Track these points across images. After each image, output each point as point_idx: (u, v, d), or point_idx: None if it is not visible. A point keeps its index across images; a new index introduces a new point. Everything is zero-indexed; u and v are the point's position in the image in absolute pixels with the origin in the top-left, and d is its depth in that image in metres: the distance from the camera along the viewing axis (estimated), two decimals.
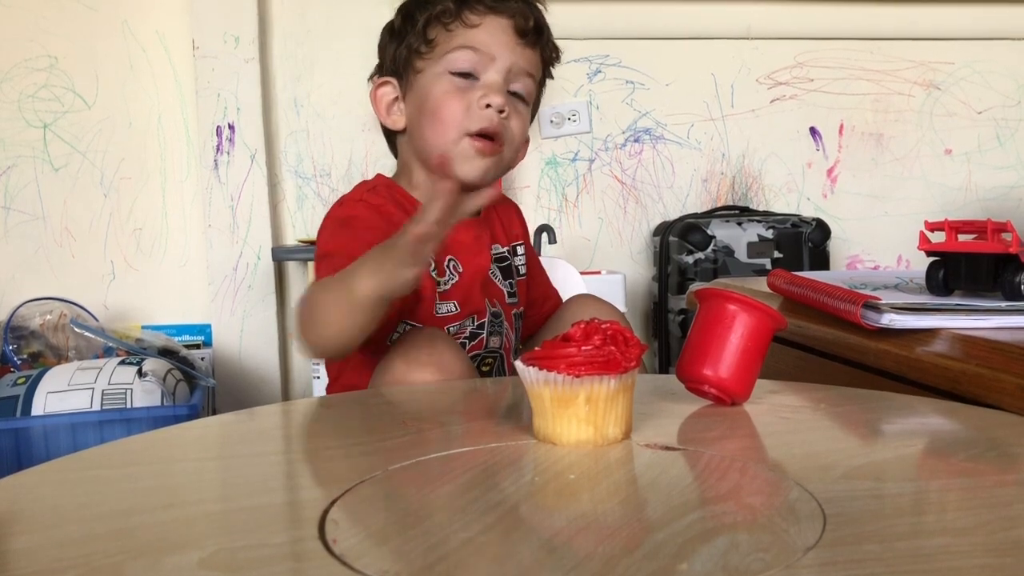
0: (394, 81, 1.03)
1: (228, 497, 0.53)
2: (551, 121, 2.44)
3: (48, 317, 1.92)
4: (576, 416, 0.59)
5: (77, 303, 2.05)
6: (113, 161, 2.29)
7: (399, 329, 0.96)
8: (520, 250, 1.13)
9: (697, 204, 2.54)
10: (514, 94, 1.00)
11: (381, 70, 1.06)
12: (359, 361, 0.96)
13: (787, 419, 0.69)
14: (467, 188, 1.00)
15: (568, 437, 0.60)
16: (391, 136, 1.09)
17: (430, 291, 0.97)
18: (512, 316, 1.06)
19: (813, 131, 2.59)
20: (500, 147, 0.98)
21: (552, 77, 1.08)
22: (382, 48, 1.06)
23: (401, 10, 1.03)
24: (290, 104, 2.35)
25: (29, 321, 1.90)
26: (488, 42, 0.97)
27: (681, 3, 2.47)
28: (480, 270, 1.03)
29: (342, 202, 1.01)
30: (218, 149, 2.26)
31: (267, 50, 2.32)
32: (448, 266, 1.00)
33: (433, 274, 0.98)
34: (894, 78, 2.60)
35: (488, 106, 0.96)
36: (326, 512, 0.47)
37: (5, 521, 0.49)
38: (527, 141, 1.09)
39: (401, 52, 1.01)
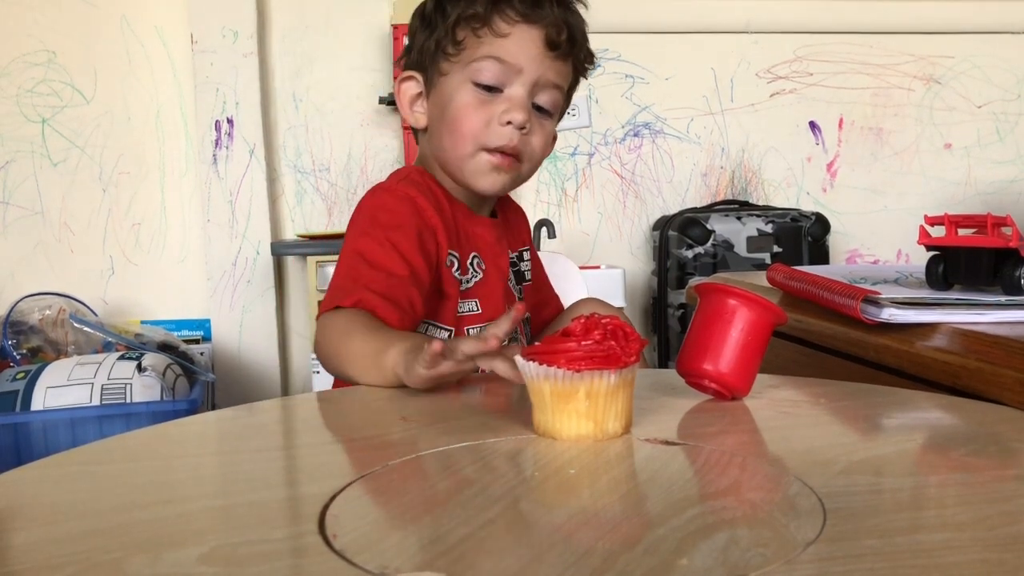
0: (418, 76, 0.99)
1: (228, 492, 0.53)
2: None
3: (47, 312, 1.92)
4: (576, 411, 0.59)
5: (76, 298, 2.05)
6: (112, 156, 2.29)
7: (420, 329, 0.94)
8: (526, 256, 1.11)
9: (696, 198, 2.54)
10: (539, 108, 0.95)
11: (409, 55, 1.01)
12: None
13: (787, 414, 0.69)
14: (481, 197, 1.00)
15: (568, 432, 0.60)
16: (414, 130, 1.05)
17: (454, 290, 0.95)
18: (521, 321, 1.05)
19: (812, 125, 2.59)
20: (519, 163, 0.96)
21: (586, 77, 1.04)
22: (412, 33, 1.00)
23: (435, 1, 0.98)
24: (289, 99, 2.35)
25: (28, 316, 1.90)
26: (516, 53, 0.92)
27: None
28: (501, 271, 1.01)
29: (375, 191, 0.97)
30: (217, 144, 2.25)
31: (266, 45, 2.32)
32: (472, 263, 0.98)
33: (456, 274, 0.95)
34: (894, 72, 2.60)
35: (509, 123, 0.93)
36: (326, 507, 0.47)
37: (4, 516, 0.49)
38: (555, 137, 1.05)
39: (429, 46, 0.96)
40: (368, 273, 0.88)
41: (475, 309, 0.97)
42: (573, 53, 0.96)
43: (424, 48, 0.97)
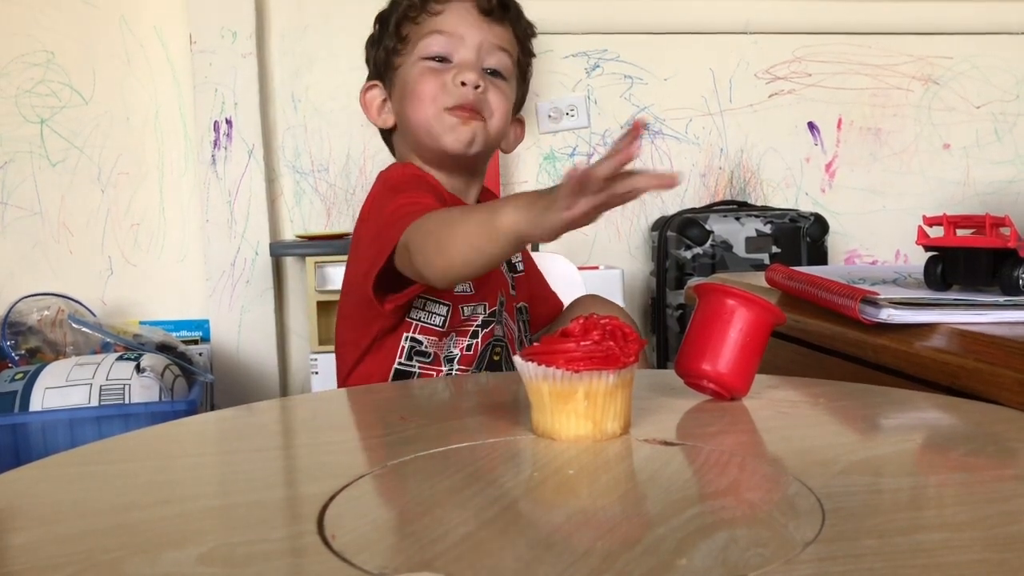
0: (379, 84, 1.09)
1: (227, 493, 0.53)
2: (549, 116, 2.44)
3: (46, 313, 1.92)
4: (575, 411, 0.59)
5: (75, 299, 2.05)
6: (111, 156, 2.28)
7: (417, 304, 0.98)
8: None
9: (695, 199, 2.54)
10: (491, 72, 1.03)
11: (368, 73, 1.12)
12: (375, 349, 0.98)
13: (786, 414, 0.69)
14: (458, 160, 1.03)
15: (567, 432, 0.60)
16: (387, 136, 1.13)
17: None
18: (513, 309, 1.07)
19: (811, 126, 2.59)
20: (482, 118, 1.01)
21: (534, 55, 1.10)
22: (367, 58, 1.11)
23: (377, 19, 1.09)
24: (288, 99, 2.35)
25: (27, 317, 1.90)
26: (455, 23, 1.01)
27: None
28: None
29: (385, 176, 1.03)
30: (216, 144, 2.25)
31: (265, 45, 2.32)
32: None
33: None
34: (892, 72, 2.60)
35: (463, 84, 0.99)
36: (325, 507, 0.47)
37: (3, 517, 0.49)
38: (522, 122, 1.12)
39: (380, 55, 1.06)
40: (409, 210, 0.88)
41: (468, 290, 1.00)
42: (509, 19, 1.04)
43: (377, 59, 1.08)
